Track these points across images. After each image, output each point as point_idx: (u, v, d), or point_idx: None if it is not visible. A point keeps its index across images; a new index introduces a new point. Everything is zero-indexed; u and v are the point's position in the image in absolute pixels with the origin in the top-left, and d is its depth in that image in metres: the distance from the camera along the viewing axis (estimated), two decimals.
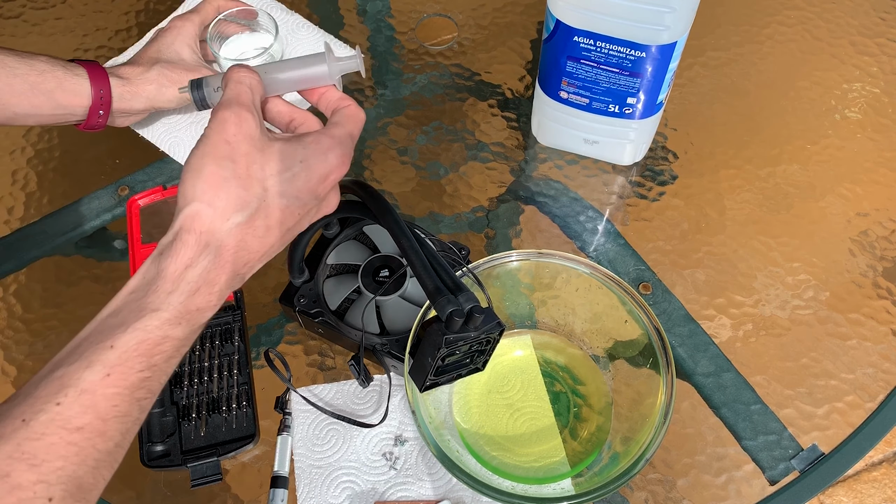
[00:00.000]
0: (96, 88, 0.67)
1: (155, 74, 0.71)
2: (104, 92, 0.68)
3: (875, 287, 0.68)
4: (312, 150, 0.45)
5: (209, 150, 0.43)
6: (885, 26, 0.83)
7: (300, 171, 0.44)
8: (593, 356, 0.63)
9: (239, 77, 0.45)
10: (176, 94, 0.73)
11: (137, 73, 0.71)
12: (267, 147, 0.43)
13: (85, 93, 0.67)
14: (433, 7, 0.86)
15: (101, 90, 0.67)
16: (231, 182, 0.42)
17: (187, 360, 0.64)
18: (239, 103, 0.44)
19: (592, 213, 0.72)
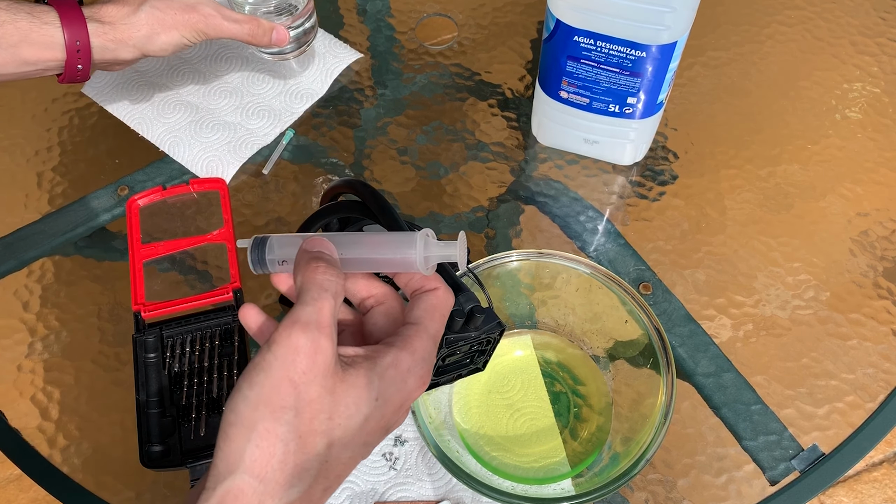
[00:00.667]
0: (71, 39, 0.57)
1: (145, 16, 0.60)
2: (81, 42, 0.58)
3: (875, 287, 0.68)
4: (390, 378, 0.36)
5: (267, 394, 0.33)
6: (885, 26, 0.83)
7: (374, 410, 0.35)
8: (593, 356, 0.63)
9: (323, 282, 0.35)
10: (173, 41, 0.62)
11: (122, 14, 0.60)
12: (339, 386, 0.34)
13: (57, 44, 0.57)
14: (433, 7, 0.86)
15: (78, 40, 0.57)
16: (290, 445, 0.32)
17: (187, 360, 0.64)
18: (319, 326, 0.34)
19: (592, 213, 0.72)
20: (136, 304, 0.66)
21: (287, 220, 0.72)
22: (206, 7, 0.62)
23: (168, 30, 0.61)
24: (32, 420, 0.64)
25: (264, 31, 0.64)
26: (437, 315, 0.39)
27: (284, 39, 0.67)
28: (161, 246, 0.70)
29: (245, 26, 0.64)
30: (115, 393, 0.64)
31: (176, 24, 0.61)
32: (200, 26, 0.62)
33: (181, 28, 0.61)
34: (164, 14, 0.60)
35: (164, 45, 0.62)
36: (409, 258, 0.40)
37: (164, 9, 0.60)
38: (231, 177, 0.74)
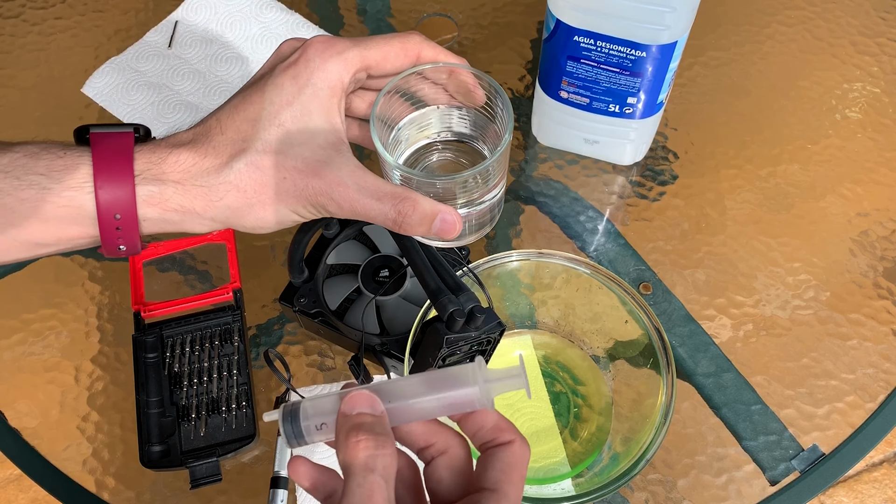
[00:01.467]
0: (107, 213, 0.37)
1: (239, 177, 0.38)
2: (123, 216, 0.37)
3: (876, 287, 0.68)
4: None
5: None
6: (885, 26, 0.83)
7: None
8: (593, 356, 0.63)
9: (368, 461, 0.30)
10: (277, 218, 0.40)
11: (202, 170, 0.38)
12: None
13: (85, 217, 0.38)
14: (433, 7, 0.86)
15: (118, 213, 0.37)
16: None
17: (187, 360, 0.64)
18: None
19: (593, 213, 0.72)
20: (136, 304, 0.66)
21: None
22: (337, 170, 0.38)
23: (271, 201, 0.39)
24: (32, 420, 0.64)
25: (421, 218, 0.40)
26: (517, 477, 0.32)
27: (451, 232, 0.42)
28: (161, 246, 0.70)
29: (391, 207, 0.39)
30: (115, 393, 0.64)
31: (285, 194, 0.38)
32: (322, 200, 0.39)
33: (292, 199, 0.39)
34: (270, 175, 0.38)
35: (260, 224, 0.40)
36: (467, 394, 0.34)
37: (272, 167, 0.38)
38: None
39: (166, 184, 0.38)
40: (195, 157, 0.38)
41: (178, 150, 0.38)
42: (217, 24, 0.83)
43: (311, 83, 0.38)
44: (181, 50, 0.81)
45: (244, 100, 0.39)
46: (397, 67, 0.40)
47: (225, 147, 0.38)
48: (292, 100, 0.38)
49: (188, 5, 0.84)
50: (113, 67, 0.80)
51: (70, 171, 0.37)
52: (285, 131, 0.38)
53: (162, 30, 0.83)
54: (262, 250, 0.71)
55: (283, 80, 0.38)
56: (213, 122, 0.39)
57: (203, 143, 0.38)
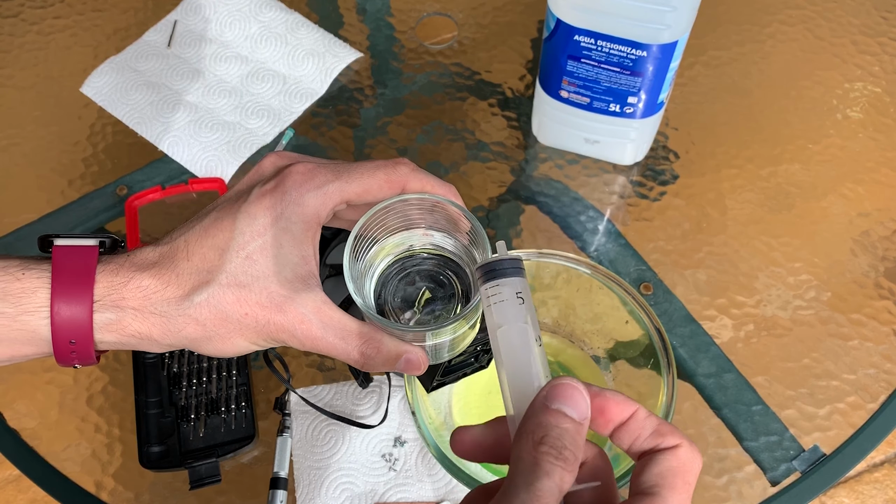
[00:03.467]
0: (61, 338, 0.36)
1: (200, 310, 0.37)
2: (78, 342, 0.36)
3: (877, 287, 0.68)
4: None
5: None
6: (886, 25, 0.83)
7: None
8: (594, 357, 0.63)
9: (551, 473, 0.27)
10: (235, 349, 0.39)
11: (162, 299, 0.37)
12: None
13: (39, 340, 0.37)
14: (433, 6, 0.85)
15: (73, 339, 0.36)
16: None
17: (186, 360, 0.64)
18: None
19: (593, 213, 0.72)
20: None
21: None
22: (301, 307, 0.37)
23: (230, 335, 0.37)
24: (32, 420, 0.63)
25: (385, 359, 0.39)
26: (680, 482, 0.29)
27: (416, 370, 0.40)
28: None
29: (354, 348, 0.38)
30: (113, 394, 0.64)
31: (245, 329, 0.37)
32: (284, 337, 0.38)
33: (251, 335, 0.37)
34: (231, 310, 0.37)
35: (218, 353, 0.39)
36: None
37: (234, 302, 0.36)
38: (230, 176, 0.74)
39: (125, 310, 0.37)
40: (157, 285, 0.37)
41: (141, 274, 0.37)
42: (216, 23, 0.82)
43: (285, 216, 0.37)
44: (180, 49, 0.81)
45: (214, 223, 0.38)
46: (379, 199, 0.38)
47: (189, 276, 0.37)
48: (264, 231, 0.37)
49: (187, 5, 0.84)
50: (112, 67, 0.80)
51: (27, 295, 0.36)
52: (252, 263, 0.37)
53: (161, 29, 0.83)
54: None
55: (257, 210, 0.37)
56: (181, 244, 0.38)
57: (167, 268, 0.37)
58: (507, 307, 0.33)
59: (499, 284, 0.34)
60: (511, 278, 0.34)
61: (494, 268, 0.34)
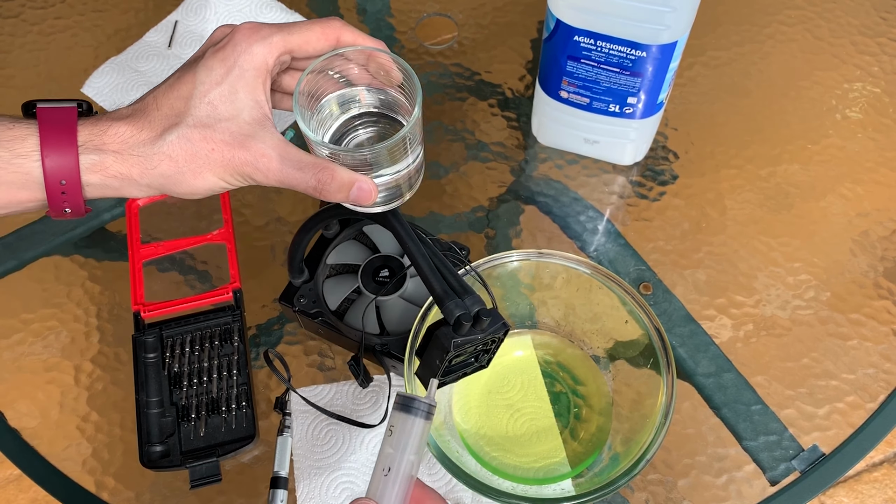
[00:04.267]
0: (53, 177, 0.41)
1: (171, 148, 0.42)
2: (68, 182, 0.41)
3: (876, 287, 0.68)
4: None
5: None
6: (885, 26, 0.83)
7: None
8: (594, 356, 0.63)
9: None
10: (206, 185, 0.44)
11: (138, 141, 0.42)
12: None
13: (33, 183, 0.41)
14: (433, 6, 0.86)
15: (63, 179, 0.41)
16: None
17: (186, 360, 0.64)
18: None
19: (593, 213, 0.72)
20: (136, 304, 0.66)
21: (287, 221, 0.72)
22: (261, 142, 0.42)
23: (199, 170, 0.42)
24: (32, 420, 0.64)
25: (339, 186, 0.43)
26: None
27: (367, 199, 0.44)
28: (161, 246, 0.70)
29: (311, 176, 0.42)
30: (114, 393, 0.64)
31: (213, 164, 0.42)
32: (248, 170, 0.43)
33: (219, 168, 0.42)
34: (199, 147, 0.41)
35: (192, 190, 0.43)
36: None
37: (201, 139, 0.41)
38: None
39: (106, 153, 0.42)
40: (132, 130, 0.42)
41: (118, 123, 0.42)
42: (217, 23, 0.83)
43: (238, 65, 0.42)
44: (181, 50, 0.81)
45: (178, 80, 0.43)
46: (319, 50, 0.44)
47: (159, 121, 0.42)
48: (221, 80, 0.42)
49: (188, 5, 0.84)
50: (113, 67, 0.80)
51: (19, 141, 0.41)
52: (214, 108, 0.42)
53: (162, 29, 0.83)
54: (262, 250, 0.71)
55: (213, 63, 0.42)
56: (150, 100, 0.43)
57: (140, 117, 0.42)
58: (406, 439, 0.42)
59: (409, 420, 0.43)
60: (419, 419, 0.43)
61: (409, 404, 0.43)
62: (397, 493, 0.41)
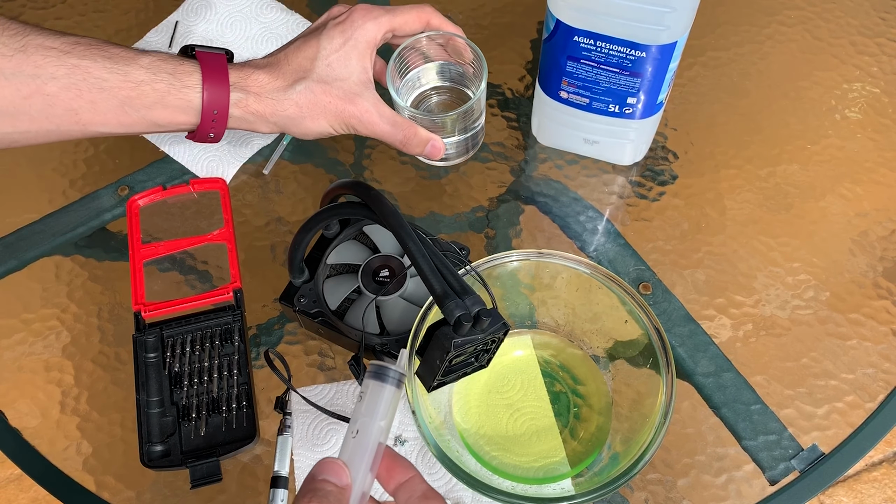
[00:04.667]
0: (209, 106, 0.51)
1: (297, 96, 0.53)
2: (219, 112, 0.52)
3: (875, 287, 0.68)
4: None
5: None
6: (885, 26, 0.83)
7: None
8: (593, 356, 0.63)
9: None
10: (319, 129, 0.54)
11: (273, 88, 0.53)
12: None
13: (193, 109, 0.52)
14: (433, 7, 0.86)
15: (216, 109, 0.52)
16: None
17: (187, 360, 0.64)
18: None
19: (592, 213, 0.72)
20: (137, 304, 0.66)
21: (287, 221, 0.72)
22: (366, 101, 0.54)
23: (317, 116, 0.53)
24: (32, 420, 0.64)
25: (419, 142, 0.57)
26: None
27: (437, 154, 0.60)
28: (161, 246, 0.70)
29: (400, 132, 0.56)
30: (115, 393, 0.64)
31: (327, 113, 0.54)
32: (353, 122, 0.55)
33: (332, 117, 0.54)
34: (319, 98, 0.53)
35: (307, 131, 0.55)
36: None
37: (321, 92, 0.53)
38: (231, 177, 0.74)
39: (249, 93, 0.53)
40: (269, 78, 0.53)
41: (258, 71, 0.53)
42: (217, 24, 0.83)
43: (354, 37, 0.53)
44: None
45: (304, 43, 0.54)
46: (414, 31, 0.56)
47: (290, 74, 0.53)
48: (339, 48, 0.53)
49: (188, 5, 0.84)
50: None
51: (188, 75, 0.51)
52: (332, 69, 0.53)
53: (162, 30, 0.83)
54: (262, 250, 0.71)
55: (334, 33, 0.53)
56: (281, 56, 0.54)
57: (274, 69, 0.53)
58: (376, 404, 0.44)
59: (378, 386, 0.45)
60: (389, 386, 0.45)
61: (381, 372, 0.45)
62: (367, 456, 0.41)
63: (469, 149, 0.61)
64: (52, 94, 0.47)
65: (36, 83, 0.46)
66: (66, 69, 0.46)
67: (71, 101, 0.47)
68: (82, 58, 0.47)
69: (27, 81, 0.46)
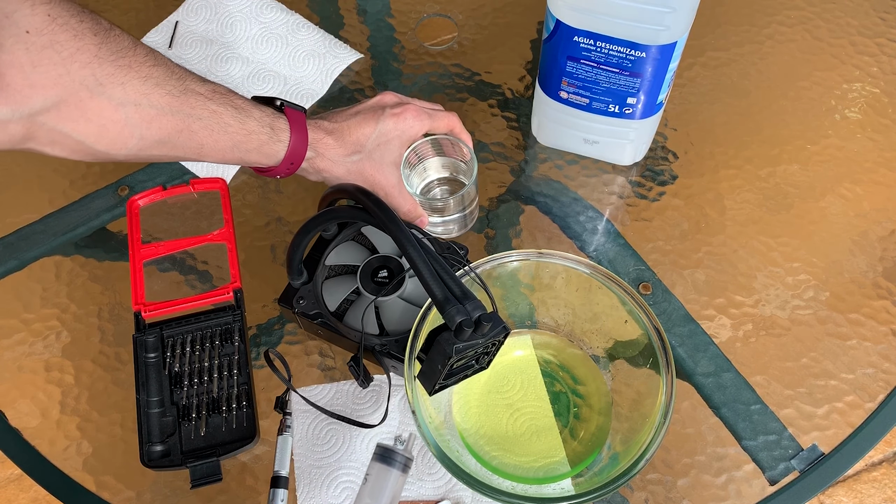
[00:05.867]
0: (289, 160, 0.60)
1: (351, 165, 0.63)
2: (294, 165, 0.61)
3: (875, 287, 0.68)
4: None
5: None
6: (885, 26, 0.83)
7: None
8: (593, 356, 0.63)
9: None
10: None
11: (336, 153, 0.62)
12: None
13: (276, 158, 0.60)
14: (433, 7, 0.86)
15: (293, 162, 0.61)
16: None
17: (187, 360, 0.64)
18: None
19: (592, 213, 0.72)
20: (137, 304, 0.66)
21: (287, 221, 0.72)
22: (393, 179, 0.65)
23: (355, 180, 0.63)
24: (33, 420, 0.64)
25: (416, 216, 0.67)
26: None
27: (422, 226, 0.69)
28: (161, 246, 0.70)
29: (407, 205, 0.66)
30: (115, 393, 0.64)
31: (363, 179, 0.63)
32: (379, 192, 0.64)
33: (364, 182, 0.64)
34: (363, 170, 0.63)
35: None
36: None
37: (367, 167, 0.63)
38: (231, 177, 0.74)
39: (318, 154, 0.62)
40: (335, 144, 0.62)
41: (328, 136, 0.62)
42: (217, 24, 0.83)
43: (400, 130, 0.64)
44: (182, 50, 0.81)
45: (364, 120, 0.63)
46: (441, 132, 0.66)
47: (350, 145, 0.63)
48: (388, 134, 0.63)
49: (188, 5, 0.84)
50: None
51: (282, 132, 0.60)
52: (380, 150, 0.64)
53: (162, 30, 0.83)
54: (262, 250, 0.71)
55: (389, 123, 0.63)
56: (345, 126, 0.63)
57: (339, 137, 0.62)
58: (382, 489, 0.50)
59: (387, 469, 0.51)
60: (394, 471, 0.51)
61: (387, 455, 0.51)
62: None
63: (466, 224, 0.71)
64: (194, 132, 0.55)
65: (188, 121, 0.54)
66: (208, 113, 0.55)
67: (204, 138, 0.55)
68: (219, 105, 0.56)
69: (183, 119, 0.54)
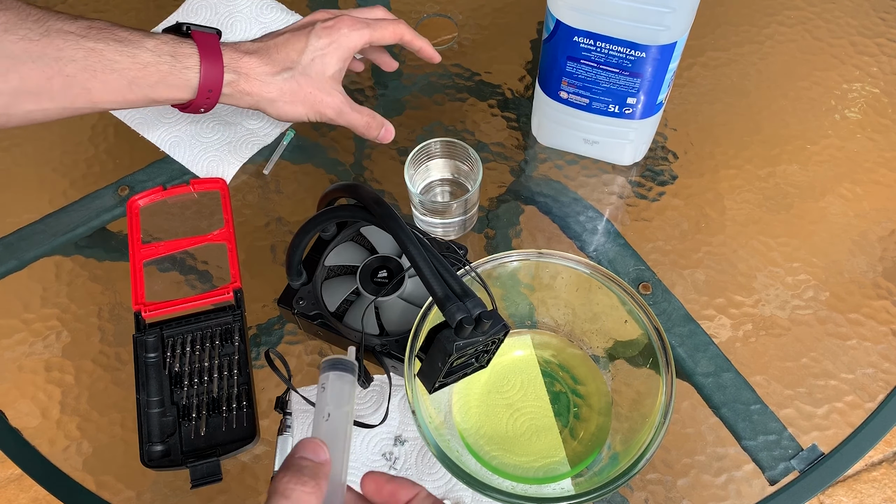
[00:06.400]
0: (205, 86, 0.56)
1: (282, 83, 0.59)
2: (213, 91, 0.57)
3: (875, 287, 0.68)
4: None
5: None
6: (885, 26, 0.83)
7: None
8: (593, 356, 0.63)
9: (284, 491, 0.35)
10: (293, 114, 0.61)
11: (261, 72, 0.59)
12: None
13: (190, 88, 0.57)
14: (433, 7, 0.86)
15: (211, 89, 0.57)
16: None
17: (187, 360, 0.64)
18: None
19: (592, 213, 0.72)
20: (137, 304, 0.66)
21: (287, 221, 0.72)
22: (339, 95, 0.61)
23: (295, 104, 0.60)
24: (33, 420, 0.64)
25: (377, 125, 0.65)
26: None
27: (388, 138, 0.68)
28: (161, 246, 0.70)
29: (363, 118, 0.64)
30: (115, 393, 0.64)
31: (305, 102, 0.60)
32: (326, 111, 0.62)
33: (308, 107, 0.60)
34: (301, 88, 0.60)
35: (282, 114, 0.61)
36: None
37: (303, 84, 0.60)
38: (231, 177, 0.74)
39: (240, 74, 0.58)
40: (259, 63, 0.59)
41: (248, 56, 0.59)
42: (217, 24, 0.83)
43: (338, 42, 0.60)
44: None
45: (294, 37, 0.60)
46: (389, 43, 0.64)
47: (278, 62, 0.59)
48: (324, 48, 0.60)
49: (188, 5, 0.84)
50: None
51: (187, 57, 0.56)
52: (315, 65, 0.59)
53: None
54: (262, 250, 0.71)
55: (322, 34, 0.60)
56: (270, 45, 0.60)
57: (264, 55, 0.59)
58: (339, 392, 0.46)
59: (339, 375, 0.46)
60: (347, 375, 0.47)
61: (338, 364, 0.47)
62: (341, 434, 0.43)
63: (466, 227, 0.70)
64: (70, 75, 0.51)
65: (58, 65, 0.50)
66: (84, 52, 0.51)
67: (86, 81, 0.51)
68: (97, 41, 0.52)
69: (50, 64, 0.50)
